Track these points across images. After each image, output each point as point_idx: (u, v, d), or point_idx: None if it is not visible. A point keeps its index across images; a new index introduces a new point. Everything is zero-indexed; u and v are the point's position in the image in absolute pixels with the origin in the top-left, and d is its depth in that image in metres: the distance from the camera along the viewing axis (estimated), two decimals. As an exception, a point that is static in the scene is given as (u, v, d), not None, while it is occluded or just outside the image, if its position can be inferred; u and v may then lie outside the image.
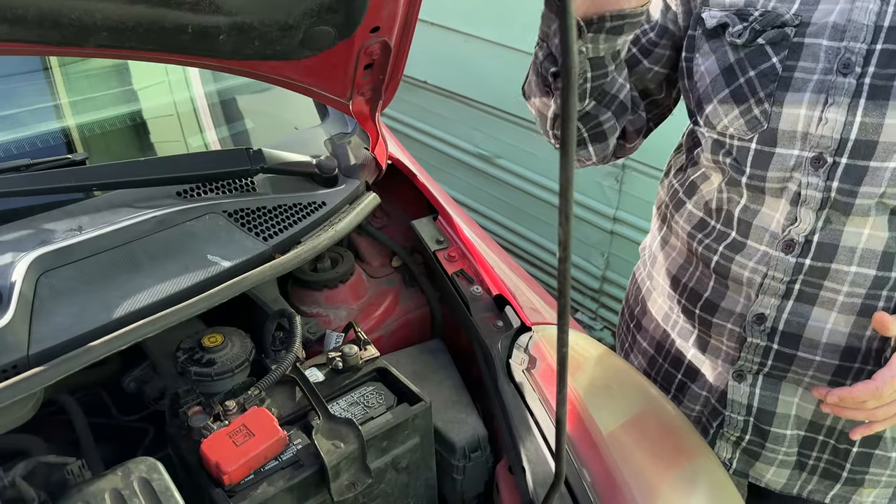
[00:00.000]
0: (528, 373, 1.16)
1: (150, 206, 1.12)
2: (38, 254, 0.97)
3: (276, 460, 0.98)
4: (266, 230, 1.19)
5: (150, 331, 0.95)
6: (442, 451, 1.15)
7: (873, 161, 1.00)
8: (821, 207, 1.05)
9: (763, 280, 1.12)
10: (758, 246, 1.13)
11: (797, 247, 1.08)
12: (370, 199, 1.36)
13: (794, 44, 1.04)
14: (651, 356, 1.39)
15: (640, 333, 1.43)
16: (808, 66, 1.03)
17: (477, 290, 1.28)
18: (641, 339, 1.43)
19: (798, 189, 1.06)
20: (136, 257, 1.04)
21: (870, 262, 1.05)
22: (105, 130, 1.31)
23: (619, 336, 1.56)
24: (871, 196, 1.02)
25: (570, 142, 0.57)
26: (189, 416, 1.01)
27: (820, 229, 1.06)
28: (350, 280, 1.37)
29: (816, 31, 1.03)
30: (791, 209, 1.08)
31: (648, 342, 1.40)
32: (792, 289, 1.11)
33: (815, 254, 1.07)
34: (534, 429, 1.12)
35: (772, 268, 1.11)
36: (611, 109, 1.18)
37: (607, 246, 2.98)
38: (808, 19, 1.03)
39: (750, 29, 1.07)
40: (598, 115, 1.18)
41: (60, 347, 0.90)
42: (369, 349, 1.17)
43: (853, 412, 1.06)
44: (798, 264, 1.08)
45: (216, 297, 1.02)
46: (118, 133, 1.33)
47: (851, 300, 1.08)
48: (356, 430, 1.00)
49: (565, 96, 0.56)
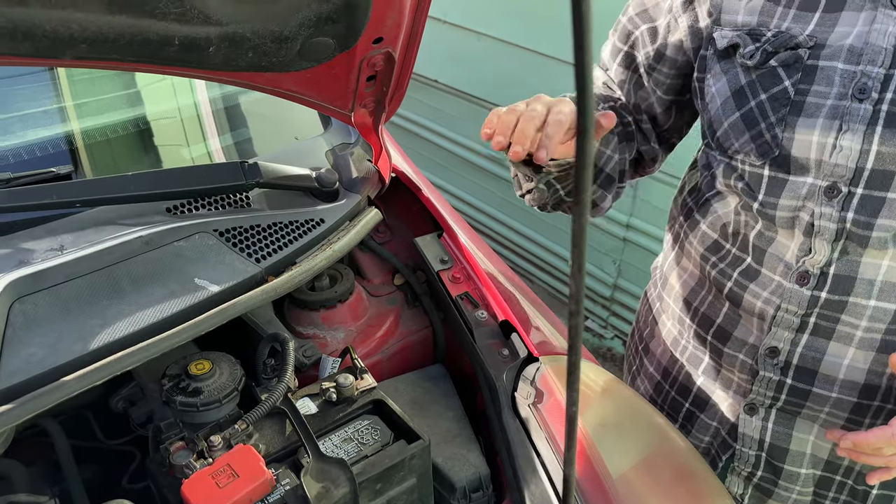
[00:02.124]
0: (535, 408, 1.09)
1: (137, 224, 1.06)
2: (13, 278, 0.91)
3: (261, 502, 0.92)
4: (259, 250, 1.12)
5: (129, 363, 0.89)
6: (441, 490, 1.08)
7: (891, 192, 0.94)
8: (836, 239, 0.99)
9: (776, 312, 1.06)
10: (772, 276, 1.07)
11: (812, 279, 1.02)
12: (371, 215, 1.29)
13: (808, 66, 0.98)
14: (657, 382, 1.33)
15: (648, 357, 1.37)
16: (821, 90, 0.97)
17: (482, 315, 1.21)
18: (648, 364, 1.37)
19: (811, 219, 1.00)
20: (119, 282, 0.98)
21: (890, 295, 0.99)
22: (101, 139, 1.25)
23: (628, 358, 1.50)
24: (888, 229, 0.96)
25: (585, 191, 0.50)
26: (171, 453, 0.94)
27: (836, 260, 1.00)
28: (349, 300, 1.30)
29: (832, 54, 0.96)
30: (805, 240, 1.02)
31: (655, 367, 1.34)
32: (807, 322, 1.05)
33: (831, 286, 1.01)
34: (539, 470, 1.05)
35: (785, 300, 1.05)
36: (596, 183, 1.19)
37: (619, 253, 2.90)
38: (823, 41, 0.97)
39: (762, 50, 1.01)
40: None
41: (32, 382, 0.84)
42: (366, 378, 1.10)
43: (869, 458, 0.99)
44: (813, 297, 1.02)
45: (202, 326, 0.96)
46: (117, 141, 1.27)
47: (871, 335, 1.01)
48: (348, 472, 0.94)
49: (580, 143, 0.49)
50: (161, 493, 0.94)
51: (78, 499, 1.12)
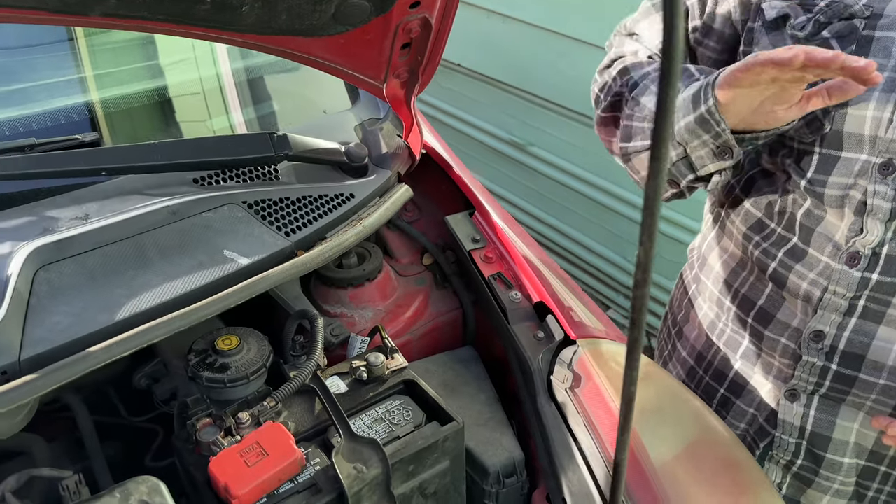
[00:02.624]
0: (572, 392, 1.05)
1: (163, 194, 1.02)
2: (37, 245, 0.88)
3: (291, 482, 0.89)
4: (288, 224, 1.08)
5: (156, 335, 0.85)
6: (473, 474, 1.05)
7: None
8: (890, 218, 0.95)
9: (823, 294, 1.02)
10: (819, 256, 1.02)
11: (863, 260, 0.98)
12: (402, 191, 1.24)
13: (864, 37, 0.93)
14: (690, 367, 1.29)
15: (681, 342, 1.32)
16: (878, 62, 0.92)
17: (516, 297, 1.17)
18: (682, 348, 1.32)
19: (863, 198, 0.96)
20: (146, 251, 0.94)
21: None
22: (123, 108, 1.22)
23: (660, 343, 1.45)
24: None
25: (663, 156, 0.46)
26: (198, 430, 0.91)
27: (889, 241, 0.96)
28: (378, 278, 1.26)
29: (889, 24, 0.91)
30: (856, 219, 0.98)
31: (689, 352, 1.29)
32: (856, 305, 1.00)
33: (883, 268, 0.97)
34: (577, 456, 1.01)
35: (833, 282, 1.01)
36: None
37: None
38: (879, 11, 0.92)
39: (814, 21, 0.96)
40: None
41: (56, 352, 0.81)
42: (397, 358, 1.07)
43: None
44: (864, 279, 0.98)
45: (231, 299, 0.92)
46: (139, 111, 1.23)
47: None
48: (380, 452, 0.90)
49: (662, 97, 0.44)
50: (187, 471, 0.91)
51: (100, 476, 1.10)
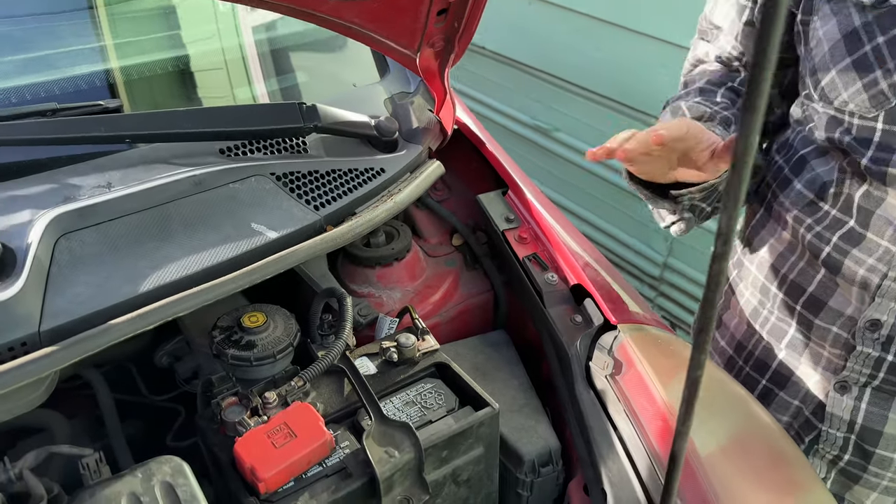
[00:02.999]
0: (612, 379, 1.00)
1: (188, 164, 0.98)
2: (59, 213, 0.84)
3: (319, 466, 0.85)
4: (318, 198, 1.04)
5: (181, 309, 0.81)
6: (506, 462, 1.00)
7: None
8: None
9: (882, 281, 0.96)
10: (878, 240, 0.96)
11: None
12: (434, 167, 1.19)
13: None
14: (729, 357, 1.23)
15: (720, 330, 1.27)
16: None
17: (552, 278, 1.12)
18: (719, 337, 1.27)
19: None
20: (170, 222, 0.90)
21: None
22: (145, 76, 1.17)
23: (695, 333, 1.40)
24: None
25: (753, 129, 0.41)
26: (223, 408, 0.87)
27: None
28: (406, 258, 1.22)
29: None
30: None
31: (728, 341, 1.24)
32: None
33: None
34: (617, 445, 0.96)
35: (894, 268, 0.95)
36: None
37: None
38: None
39: None
40: None
41: (77, 324, 0.77)
42: (428, 340, 1.02)
43: None
44: None
45: (259, 273, 0.88)
46: (160, 79, 1.19)
47: None
48: (413, 437, 0.86)
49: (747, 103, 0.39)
50: (211, 452, 0.87)
51: (121, 455, 1.06)
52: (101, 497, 0.72)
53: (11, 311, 0.74)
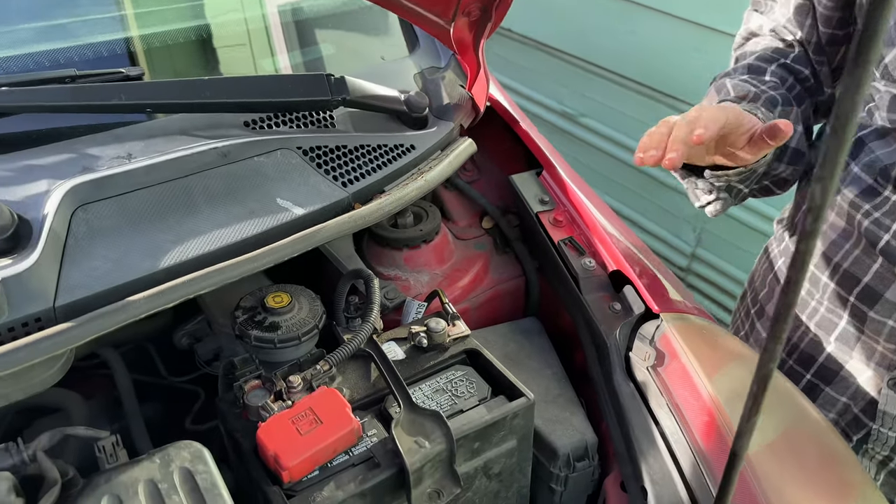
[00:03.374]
0: (654, 371, 0.94)
1: (212, 136, 0.93)
2: (76, 183, 0.80)
3: (346, 454, 0.80)
4: (346, 174, 0.99)
5: (203, 286, 0.77)
6: (539, 455, 0.95)
7: None
8: None
9: None
10: None
11: None
12: (465, 145, 1.14)
13: None
14: None
15: (762, 321, 1.21)
16: None
17: (589, 264, 1.06)
18: (762, 329, 1.21)
19: None
20: (193, 195, 0.86)
21: None
22: (167, 45, 1.12)
23: (735, 323, 1.34)
24: None
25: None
26: (245, 392, 0.83)
27: None
28: (435, 240, 1.17)
29: None
30: None
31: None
32: None
33: None
34: (659, 441, 0.91)
35: None
36: (783, 161, 1.06)
37: (701, 220, 2.69)
38: None
39: None
40: (773, 170, 1.06)
41: (94, 300, 0.73)
42: (458, 325, 0.97)
43: None
44: None
45: (285, 251, 0.83)
46: (182, 49, 1.14)
47: None
48: (444, 426, 0.81)
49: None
50: (231, 437, 0.83)
51: (138, 438, 1.03)
52: (116, 482, 0.68)
53: (26, 285, 0.70)
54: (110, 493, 0.67)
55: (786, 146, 1.04)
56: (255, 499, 0.79)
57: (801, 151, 1.06)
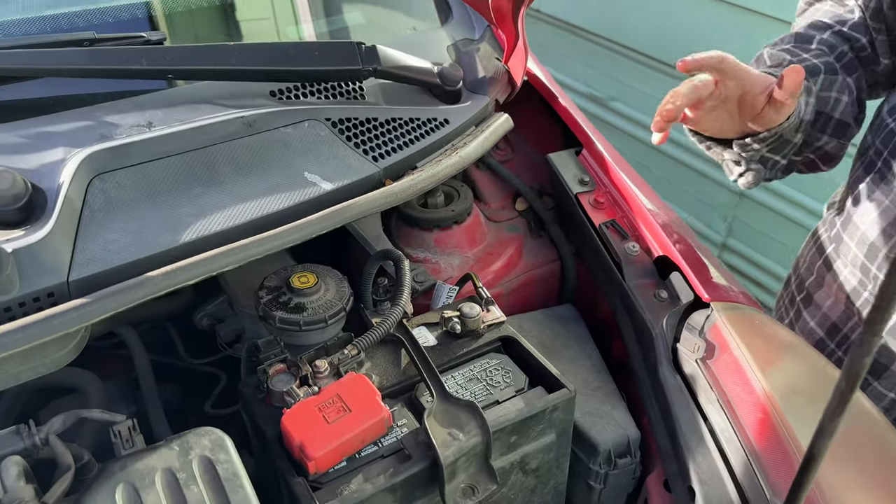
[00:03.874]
0: (703, 364, 0.88)
1: (236, 106, 0.88)
2: (93, 151, 0.75)
3: (375, 445, 0.75)
4: (376, 148, 0.93)
5: (226, 263, 0.72)
6: (578, 451, 0.89)
7: None
8: None
9: None
10: None
11: None
12: (501, 120, 1.08)
13: None
14: (819, 339, 1.11)
15: (809, 310, 1.14)
16: None
17: (633, 248, 1.00)
18: (809, 317, 1.14)
19: None
20: (216, 167, 0.80)
21: None
22: (190, 9, 1.07)
23: (779, 311, 1.27)
24: None
25: None
26: (269, 376, 0.78)
27: None
28: (467, 222, 1.11)
29: None
30: None
31: (819, 321, 1.11)
32: None
33: None
34: (708, 439, 0.84)
35: None
36: (826, 133, 1.00)
37: (732, 209, 2.61)
38: None
39: None
40: (815, 142, 1.01)
41: (110, 275, 0.68)
42: (493, 311, 0.92)
43: None
44: None
45: (312, 228, 0.78)
46: (204, 15, 1.08)
47: None
48: (480, 418, 0.76)
49: None
50: (254, 423, 0.78)
51: (156, 421, 0.99)
52: (132, 470, 0.64)
53: (38, 258, 0.65)
54: (125, 481, 0.63)
55: (829, 117, 0.99)
56: (278, 488, 0.75)
57: (847, 123, 1.00)
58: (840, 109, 0.99)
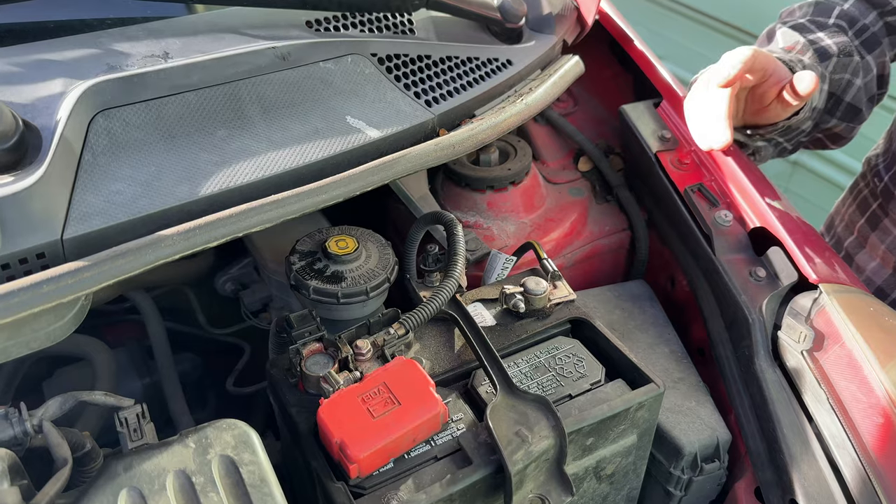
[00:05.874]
0: (810, 356, 0.74)
1: (267, 37, 0.74)
2: (97, 81, 0.62)
3: (427, 444, 0.63)
4: (429, 91, 0.79)
5: (256, 223, 0.59)
6: (657, 454, 0.77)
7: None
8: None
9: None
10: None
11: None
12: (571, 63, 0.93)
13: None
14: None
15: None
16: None
17: (725, 218, 0.85)
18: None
19: None
20: (243, 106, 0.67)
21: None
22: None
23: None
24: None
25: None
26: (303, 357, 0.66)
27: None
28: (524, 182, 0.97)
29: None
30: None
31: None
32: None
33: None
34: (814, 444, 0.72)
35: None
36: (835, 116, 0.97)
37: (786, 180, 2.44)
38: None
39: None
40: (824, 124, 0.98)
41: (115, 232, 0.56)
42: (560, 287, 0.78)
43: None
44: None
45: (357, 183, 0.65)
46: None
47: None
48: (553, 416, 0.63)
49: None
50: (285, 413, 0.66)
51: (171, 396, 0.88)
52: (139, 472, 0.52)
53: (26, 210, 0.53)
54: (130, 485, 0.52)
55: (839, 99, 0.96)
56: (310, 485, 0.63)
57: (857, 108, 0.96)
58: (852, 93, 0.95)
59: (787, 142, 0.98)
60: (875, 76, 0.97)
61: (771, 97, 0.84)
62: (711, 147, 0.82)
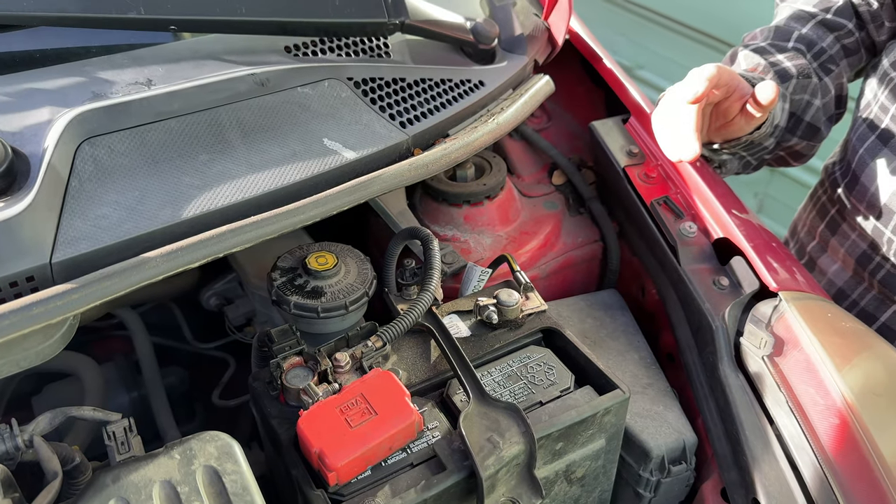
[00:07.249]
0: (770, 361, 0.78)
1: (247, 62, 0.77)
2: (83, 110, 0.65)
3: (403, 451, 0.66)
4: (404, 112, 0.82)
5: (235, 243, 0.62)
6: (628, 457, 0.80)
7: None
8: None
9: None
10: None
11: None
12: (542, 83, 0.97)
13: None
14: None
15: (813, 274, 1.13)
16: None
17: (689, 229, 0.89)
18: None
19: None
20: (224, 131, 0.70)
21: None
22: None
23: None
24: None
25: None
26: (284, 370, 0.69)
27: None
28: (499, 197, 1.01)
29: None
30: None
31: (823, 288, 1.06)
32: None
33: None
34: (775, 445, 0.75)
35: None
36: (796, 135, 1.01)
37: (764, 185, 2.49)
38: None
39: None
40: (785, 142, 1.02)
41: (101, 255, 0.59)
42: (532, 298, 0.82)
43: None
44: None
45: (334, 203, 0.68)
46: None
47: None
48: (523, 422, 0.66)
49: None
50: (267, 424, 0.69)
51: (158, 410, 0.91)
52: (126, 483, 0.55)
53: (15, 235, 0.56)
54: (118, 495, 0.54)
55: (800, 119, 1.00)
56: (293, 494, 0.66)
57: (817, 127, 1.00)
58: (811, 113, 0.99)
59: (750, 156, 1.01)
60: (833, 97, 1.01)
61: (735, 111, 0.87)
62: (681, 159, 0.85)
